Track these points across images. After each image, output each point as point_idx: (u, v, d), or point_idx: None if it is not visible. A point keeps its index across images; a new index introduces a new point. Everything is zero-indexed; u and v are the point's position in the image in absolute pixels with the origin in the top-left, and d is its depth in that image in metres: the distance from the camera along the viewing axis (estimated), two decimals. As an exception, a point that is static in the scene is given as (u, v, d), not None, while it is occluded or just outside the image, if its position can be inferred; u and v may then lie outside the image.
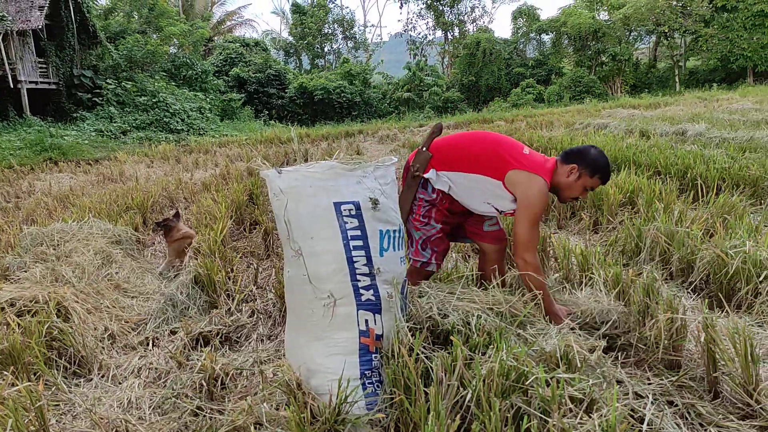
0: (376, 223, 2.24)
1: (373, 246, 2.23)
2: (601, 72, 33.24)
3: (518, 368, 2.07)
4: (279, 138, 17.27)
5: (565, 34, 34.45)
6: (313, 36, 40.08)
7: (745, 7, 28.56)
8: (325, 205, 2.20)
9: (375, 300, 2.23)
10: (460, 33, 41.16)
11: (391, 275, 2.28)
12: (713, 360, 2.27)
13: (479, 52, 34.23)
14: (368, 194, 2.23)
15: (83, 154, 15.35)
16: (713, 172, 5.40)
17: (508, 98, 31.91)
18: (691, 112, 13.80)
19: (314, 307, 2.24)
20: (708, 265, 3.29)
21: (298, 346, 2.35)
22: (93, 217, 5.41)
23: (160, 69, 25.29)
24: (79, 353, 2.96)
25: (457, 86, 34.85)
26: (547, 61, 35.70)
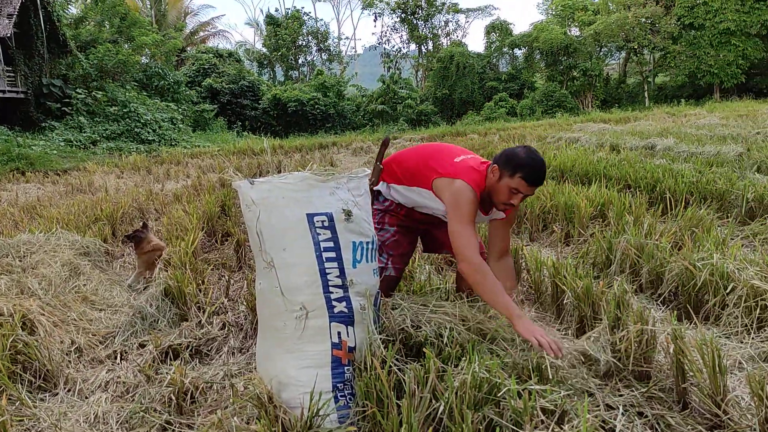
0: (350, 234, 2.23)
1: (346, 258, 2.22)
2: (573, 87, 33.79)
3: (491, 380, 2.07)
4: (252, 149, 17.17)
5: (537, 49, 34.98)
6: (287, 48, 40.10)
7: (711, 25, 29.35)
8: (298, 216, 2.18)
9: (348, 312, 2.21)
10: (434, 46, 41.52)
11: (364, 287, 2.27)
12: (682, 371, 2.30)
13: (453, 66, 34.55)
14: (341, 206, 2.22)
15: (51, 164, 15.06)
16: (681, 185, 5.50)
17: (481, 112, 32.23)
18: (660, 127, 14.09)
19: (286, 320, 2.21)
20: (677, 277, 3.35)
21: (270, 359, 2.32)
22: (60, 229, 5.31)
23: (131, 79, 25.01)
24: (44, 367, 2.88)
25: (430, 99, 35.10)
26: (520, 75, 36.17)
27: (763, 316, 2.88)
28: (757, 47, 29.14)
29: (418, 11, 40.44)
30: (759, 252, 3.89)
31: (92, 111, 21.48)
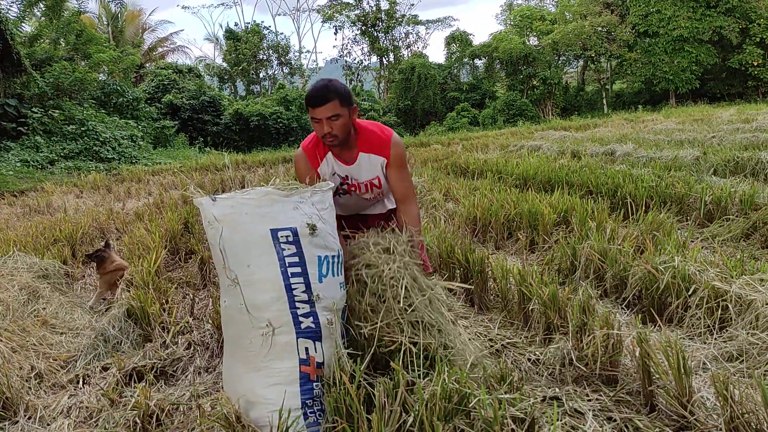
0: (315, 249, 2.21)
1: (312, 272, 2.19)
2: (533, 95, 34.34)
3: (460, 390, 2.07)
4: (215, 165, 16.99)
5: (497, 59, 35.46)
6: (248, 62, 39.88)
7: (665, 32, 30.16)
8: (262, 232, 2.16)
9: (315, 327, 2.19)
10: (395, 58, 41.78)
11: (330, 301, 2.25)
12: (648, 374, 2.33)
13: (414, 77, 34.79)
14: (306, 220, 2.21)
15: (7, 185, 14.64)
16: (642, 190, 5.62)
17: (444, 122, 32.47)
18: (619, 133, 14.40)
19: (252, 337, 2.18)
20: (640, 281, 3.40)
21: (237, 378, 2.28)
22: (18, 251, 5.15)
23: (89, 97, 24.52)
24: (3, 395, 2.78)
25: (393, 111, 35.25)
26: (481, 85, 36.60)
27: (724, 317, 2.95)
28: (710, 53, 30.05)
29: (378, 23, 40.68)
30: (718, 253, 3.99)
31: (49, 130, 20.98)
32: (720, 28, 29.18)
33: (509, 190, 6.61)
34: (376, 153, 2.75)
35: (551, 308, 3.05)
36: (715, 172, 7.07)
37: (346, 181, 2.81)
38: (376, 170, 2.79)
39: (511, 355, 2.95)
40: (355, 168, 2.78)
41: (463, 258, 3.94)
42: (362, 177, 2.81)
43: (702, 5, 29.35)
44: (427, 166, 11.03)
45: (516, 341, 3.14)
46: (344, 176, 2.80)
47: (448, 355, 2.42)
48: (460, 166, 10.38)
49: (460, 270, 3.99)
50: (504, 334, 3.24)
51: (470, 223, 5.61)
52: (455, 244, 4.22)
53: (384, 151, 2.75)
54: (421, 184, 7.79)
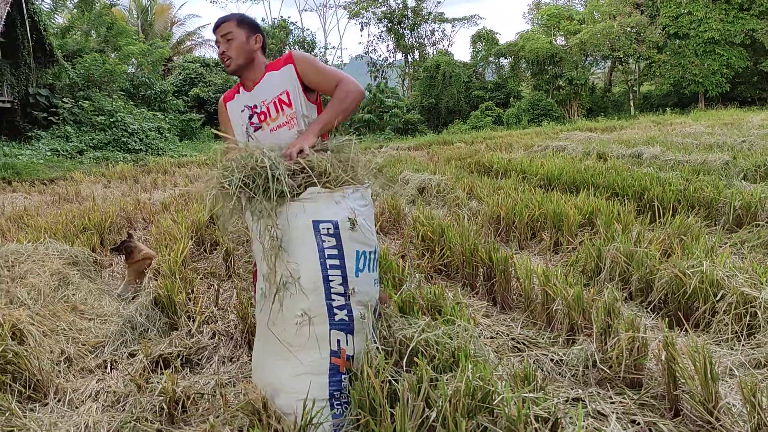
0: (353, 243, 2.23)
1: (349, 266, 2.22)
2: (559, 96, 34.03)
3: (484, 388, 2.08)
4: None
5: (523, 58, 35.21)
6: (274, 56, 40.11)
7: (696, 34, 29.68)
8: (304, 223, 2.19)
9: (348, 320, 2.21)
10: (420, 56, 41.69)
11: (365, 296, 2.27)
12: (674, 378, 2.32)
13: (439, 75, 34.68)
14: (347, 214, 2.23)
15: (38, 173, 14.92)
16: (669, 193, 5.56)
17: (467, 120, 32.34)
18: (646, 136, 14.23)
19: (286, 326, 2.21)
20: (666, 285, 3.37)
21: (267, 365, 2.31)
22: (49, 238, 5.26)
23: (118, 88, 24.87)
24: (34, 377, 2.86)
25: (417, 108, 35.19)
26: (506, 84, 36.38)
27: (753, 323, 2.92)
28: (741, 56, 29.50)
29: (405, 20, 40.63)
30: (747, 259, 3.94)
31: (79, 120, 21.33)
32: (753, 31, 28.64)
33: (533, 190, 6.57)
34: (281, 66, 2.62)
35: (575, 309, 3.04)
36: (744, 177, 6.96)
37: (255, 110, 2.66)
38: (284, 83, 2.59)
39: (534, 355, 2.95)
40: (261, 88, 2.64)
41: (487, 257, 3.93)
42: (269, 94, 2.62)
43: (735, 7, 28.82)
44: (450, 164, 11.01)
45: (539, 341, 3.13)
46: (252, 105, 2.66)
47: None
48: (484, 165, 10.34)
49: (483, 269, 3.98)
50: (526, 334, 3.23)
51: (494, 222, 5.59)
52: (479, 243, 4.22)
53: (288, 60, 2.61)
54: (444, 181, 7.78)
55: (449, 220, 5.65)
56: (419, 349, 2.53)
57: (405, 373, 2.18)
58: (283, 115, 2.59)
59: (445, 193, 7.39)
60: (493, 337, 3.24)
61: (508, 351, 3.04)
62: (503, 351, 3.03)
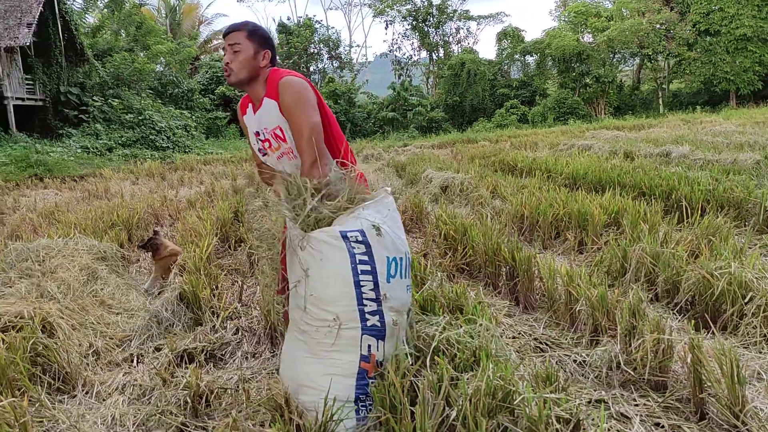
0: (383, 249, 2.24)
1: (381, 272, 2.21)
2: (585, 94, 33.63)
3: (505, 387, 2.07)
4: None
5: (549, 56, 34.86)
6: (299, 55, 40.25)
7: (727, 31, 29.12)
8: (333, 232, 2.22)
9: (380, 326, 2.22)
10: (444, 54, 41.54)
11: (397, 302, 2.27)
12: (699, 381, 2.29)
13: (464, 73, 34.52)
14: (370, 222, 2.25)
15: (69, 170, 15.22)
16: (698, 193, 5.46)
17: (492, 118, 32.15)
18: (674, 134, 14.00)
19: (319, 326, 2.23)
20: (693, 287, 3.32)
21: (296, 360, 2.32)
22: (78, 234, 5.37)
23: (146, 87, 25.25)
24: (63, 369, 2.93)
25: (441, 106, 35.07)
26: (532, 82, 36.08)
27: (781, 326, 2.86)
28: (774, 54, 28.91)
29: (429, 18, 40.50)
30: (777, 261, 3.86)
31: (108, 118, 21.70)
32: (786, 28, 28.01)
33: (558, 190, 6.51)
34: (272, 97, 2.50)
35: (599, 310, 3.01)
36: (776, 177, 6.81)
37: (259, 137, 2.61)
38: (275, 117, 2.51)
39: (556, 355, 2.93)
40: (261, 114, 2.57)
41: (510, 256, 3.91)
42: (269, 125, 2.56)
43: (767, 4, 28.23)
44: (474, 162, 10.96)
45: (561, 342, 3.11)
46: (256, 132, 2.63)
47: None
48: (508, 163, 10.28)
49: (506, 268, 3.97)
50: (549, 334, 3.21)
51: (517, 221, 5.56)
52: (502, 242, 4.20)
53: (274, 95, 2.49)
54: (467, 180, 7.75)
55: (472, 218, 5.63)
56: (440, 347, 2.53)
57: (426, 372, 2.18)
58: (281, 147, 2.58)
59: (469, 191, 7.36)
60: (515, 336, 3.22)
61: (530, 351, 3.03)
62: (525, 351, 3.02)
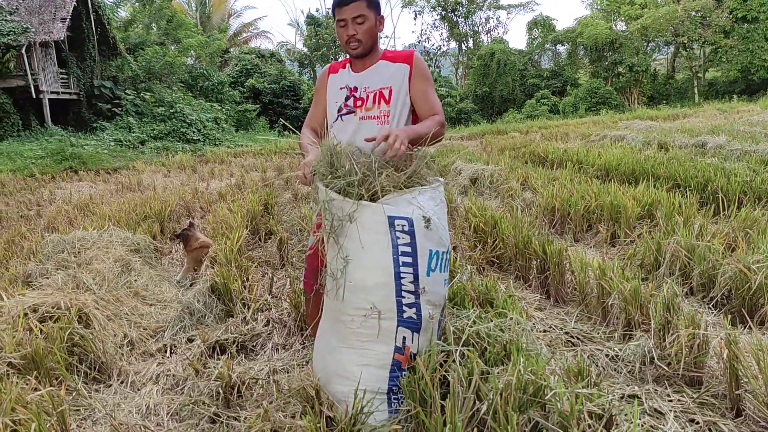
0: (427, 242, 2.19)
1: (422, 264, 2.18)
2: (618, 83, 33.06)
3: (536, 382, 2.06)
4: (293, 148, 17.35)
5: (581, 45, 34.34)
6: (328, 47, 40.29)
7: (766, 17, 28.32)
8: (380, 218, 2.16)
9: (416, 318, 2.20)
10: (474, 44, 41.21)
11: (435, 296, 2.24)
12: (736, 377, 2.24)
13: (493, 63, 34.22)
14: (421, 212, 2.19)
15: (102, 163, 15.52)
16: (734, 185, 5.34)
17: (522, 109, 31.83)
18: (710, 124, 13.68)
19: (354, 315, 2.22)
20: (730, 281, 3.25)
21: (330, 349, 2.32)
22: (112, 226, 5.47)
23: (177, 80, 25.58)
24: (99, 359, 3.00)
25: (470, 97, 34.83)
26: (563, 72, 35.60)
27: (821, 321, 2.78)
28: (815, 41, 28.03)
29: (459, 8, 40.18)
30: (817, 254, 3.75)
31: (141, 111, 22.06)
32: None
33: (590, 181, 6.42)
34: (399, 61, 2.53)
35: (632, 304, 2.96)
36: (816, 168, 6.61)
37: (354, 92, 2.55)
38: (393, 78, 2.52)
39: (588, 349, 2.90)
40: (369, 74, 2.55)
41: (541, 249, 3.87)
42: (374, 84, 2.53)
43: (808, -11, 27.35)
44: (504, 154, 10.87)
45: (593, 336, 3.07)
46: (353, 87, 2.56)
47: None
48: (539, 155, 10.17)
49: (537, 261, 3.93)
50: (581, 329, 3.18)
51: (548, 213, 5.50)
52: (532, 234, 4.16)
53: (408, 60, 2.53)
54: (497, 172, 7.69)
55: (502, 211, 5.59)
56: (470, 341, 2.52)
57: (456, 366, 2.18)
58: (377, 108, 2.52)
59: (498, 183, 7.31)
60: (546, 330, 3.20)
61: (562, 345, 3.00)
62: (556, 345, 2.99)
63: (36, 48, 20.21)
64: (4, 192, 10.38)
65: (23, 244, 5.57)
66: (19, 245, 5.66)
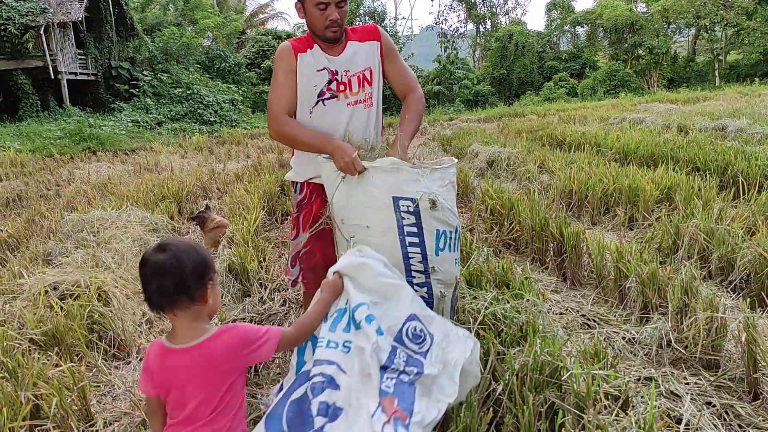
0: (434, 222, 2.17)
1: (429, 245, 2.16)
2: (638, 66, 32.58)
3: (552, 363, 2.06)
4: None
5: (600, 27, 33.84)
6: (343, 29, 40.12)
7: (790, -1, 27.72)
8: (384, 198, 2.15)
9: (427, 298, 2.19)
10: (492, 25, 40.75)
11: (445, 275, 2.23)
12: (754, 360, 2.23)
13: (511, 45, 33.85)
14: (427, 194, 2.17)
15: (120, 144, 15.62)
16: (755, 168, 5.27)
17: (540, 92, 31.51)
18: (731, 107, 13.46)
19: None
20: (749, 264, 3.22)
21: None
22: (130, 206, 5.52)
23: (194, 61, 25.59)
24: (118, 337, 3.04)
25: (488, 79, 34.52)
26: (581, 54, 35.14)
27: (842, 306, 2.75)
28: (841, 22, 27.38)
29: (477, -11, 39.76)
30: (839, 239, 3.70)
31: (158, 93, 22.13)
32: None
33: (608, 164, 6.36)
34: (367, 40, 2.50)
35: (650, 287, 2.95)
36: (840, 152, 6.50)
37: (335, 77, 2.46)
38: (368, 59, 2.50)
39: (605, 332, 2.89)
40: (345, 56, 2.47)
41: (558, 232, 3.86)
42: (354, 67, 2.47)
43: (835, -32, 26.65)
44: (522, 136, 10.79)
45: (610, 318, 3.06)
46: (334, 71, 2.46)
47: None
48: (557, 137, 10.08)
49: (554, 244, 3.91)
50: (597, 311, 3.17)
51: (565, 196, 5.46)
52: (549, 217, 4.14)
53: (375, 36, 2.52)
54: (514, 155, 7.64)
55: (519, 193, 5.56)
56: (487, 322, 2.53)
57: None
58: (362, 92, 2.49)
59: (515, 166, 7.26)
60: (562, 313, 3.19)
61: (578, 327, 2.99)
62: (573, 327, 2.99)
63: (54, 28, 20.30)
64: (23, 172, 10.50)
65: (43, 224, 5.64)
66: (38, 224, 5.74)
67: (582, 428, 1.86)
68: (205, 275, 1.52)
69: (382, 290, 1.90)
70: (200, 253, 1.53)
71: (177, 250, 1.48)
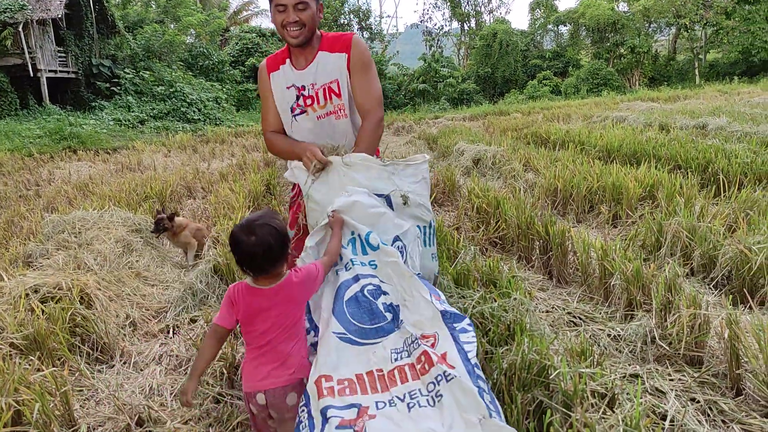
0: (407, 218, 2.21)
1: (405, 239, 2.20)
2: (620, 64, 32.87)
3: (540, 361, 2.07)
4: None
5: (583, 26, 34.11)
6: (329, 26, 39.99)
7: (768, -1, 28.08)
8: (358, 197, 2.17)
9: None
10: (476, 24, 40.87)
11: (423, 270, 2.25)
12: (736, 356, 2.26)
13: (496, 44, 33.97)
14: (398, 191, 2.20)
15: (102, 143, 15.45)
16: (735, 166, 5.33)
17: (524, 90, 31.67)
18: (711, 106, 13.62)
19: None
20: (731, 261, 3.26)
21: None
22: (113, 206, 5.45)
23: (177, 59, 25.39)
24: (101, 340, 3.00)
25: (472, 78, 34.63)
26: (565, 53, 35.37)
27: (823, 303, 2.79)
28: (817, 21, 27.79)
29: (461, -13, 39.83)
30: (819, 236, 3.75)
31: (140, 91, 21.92)
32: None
33: (592, 162, 6.41)
34: (337, 50, 2.44)
35: (634, 284, 2.97)
36: (818, 150, 6.59)
37: (302, 91, 2.46)
38: (334, 71, 2.44)
39: (591, 329, 2.91)
40: (311, 70, 2.45)
41: (543, 230, 3.88)
42: (319, 80, 2.45)
43: (812, -31, 27.04)
44: (506, 135, 10.84)
45: (595, 316, 3.09)
46: (300, 86, 2.46)
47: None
48: (541, 136, 10.14)
49: (540, 242, 3.93)
50: (583, 309, 3.19)
51: (550, 194, 5.50)
52: (535, 215, 4.16)
53: (345, 47, 2.44)
54: (499, 153, 7.67)
55: (505, 192, 5.58)
56: (474, 321, 2.53)
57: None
58: (330, 104, 2.47)
59: (501, 164, 7.29)
60: (548, 311, 3.21)
61: (564, 325, 3.01)
62: (559, 325, 3.00)
63: (33, 25, 20.03)
64: (2, 172, 10.35)
65: (23, 225, 5.56)
66: (18, 225, 5.66)
67: (570, 427, 1.87)
68: (286, 245, 1.84)
69: (375, 220, 2.14)
70: (278, 231, 1.81)
71: (263, 234, 1.77)
